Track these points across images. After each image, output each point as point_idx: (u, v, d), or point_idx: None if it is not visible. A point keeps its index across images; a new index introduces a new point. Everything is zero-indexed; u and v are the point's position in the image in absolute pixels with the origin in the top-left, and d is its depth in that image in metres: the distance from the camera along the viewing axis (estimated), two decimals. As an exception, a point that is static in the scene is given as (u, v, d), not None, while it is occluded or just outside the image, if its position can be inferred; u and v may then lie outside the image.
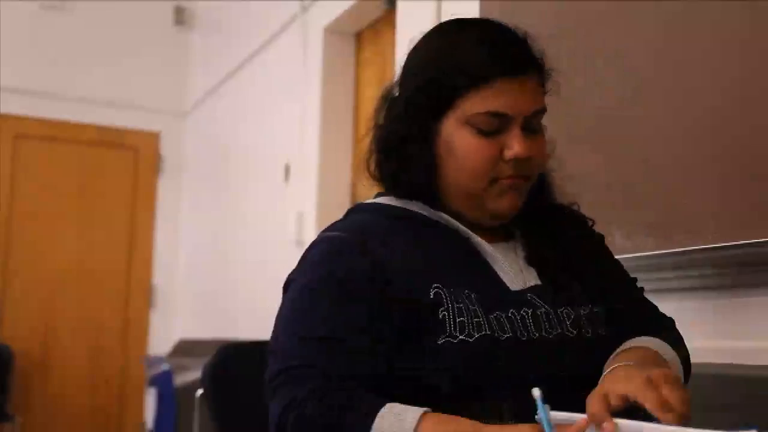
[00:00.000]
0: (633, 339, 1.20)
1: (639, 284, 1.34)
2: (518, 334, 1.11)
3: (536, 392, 0.91)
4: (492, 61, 1.14)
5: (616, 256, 1.36)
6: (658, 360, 1.14)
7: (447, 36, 1.21)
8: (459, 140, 1.15)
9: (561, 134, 1.28)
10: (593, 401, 0.96)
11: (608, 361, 1.13)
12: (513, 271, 1.19)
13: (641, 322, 1.25)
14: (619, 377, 1.00)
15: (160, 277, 5.55)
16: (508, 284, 1.17)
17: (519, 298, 1.16)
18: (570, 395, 1.08)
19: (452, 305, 1.11)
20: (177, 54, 5.59)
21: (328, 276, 1.13)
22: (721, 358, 1.47)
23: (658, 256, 1.71)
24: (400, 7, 3.08)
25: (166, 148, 5.63)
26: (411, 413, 0.98)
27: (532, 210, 1.24)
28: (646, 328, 1.23)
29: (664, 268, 1.70)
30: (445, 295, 1.11)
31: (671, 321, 1.32)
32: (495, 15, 2.25)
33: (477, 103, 1.13)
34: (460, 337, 1.09)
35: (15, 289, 5.20)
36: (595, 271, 1.25)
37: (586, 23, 2.00)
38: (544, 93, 1.20)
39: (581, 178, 1.41)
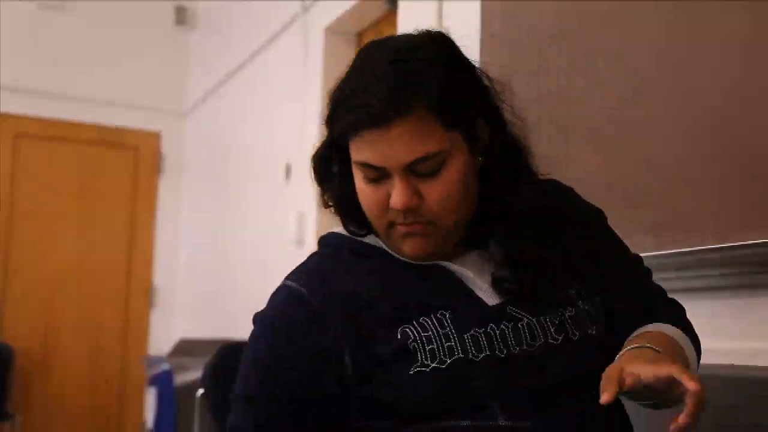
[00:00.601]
0: (648, 326, 1.19)
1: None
2: (497, 351, 1.09)
3: None
4: (355, 114, 1.08)
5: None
6: (674, 346, 1.13)
7: (343, 78, 1.16)
8: (356, 182, 1.14)
9: (561, 134, 1.27)
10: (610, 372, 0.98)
11: (626, 341, 1.13)
12: (487, 284, 1.15)
13: (644, 317, 1.22)
14: (636, 357, 1.01)
15: (160, 277, 5.55)
16: (484, 299, 1.13)
17: (498, 312, 1.12)
18: (559, 401, 1.09)
19: (419, 335, 1.09)
20: (177, 54, 5.59)
21: (260, 367, 1.16)
22: (723, 359, 1.47)
23: (659, 256, 1.70)
24: (402, 7, 3.08)
25: (167, 148, 5.63)
26: None
27: (515, 214, 1.17)
28: (651, 321, 1.21)
29: (665, 269, 1.70)
30: (411, 330, 1.09)
31: (679, 307, 1.29)
32: (496, 15, 2.25)
33: (354, 152, 1.11)
34: (432, 365, 1.07)
35: (15, 288, 5.20)
36: (595, 271, 1.22)
37: (587, 23, 2.00)
38: (449, 126, 1.09)
39: (581, 178, 1.40)
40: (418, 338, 1.08)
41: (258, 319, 1.20)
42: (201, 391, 1.57)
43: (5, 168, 5.25)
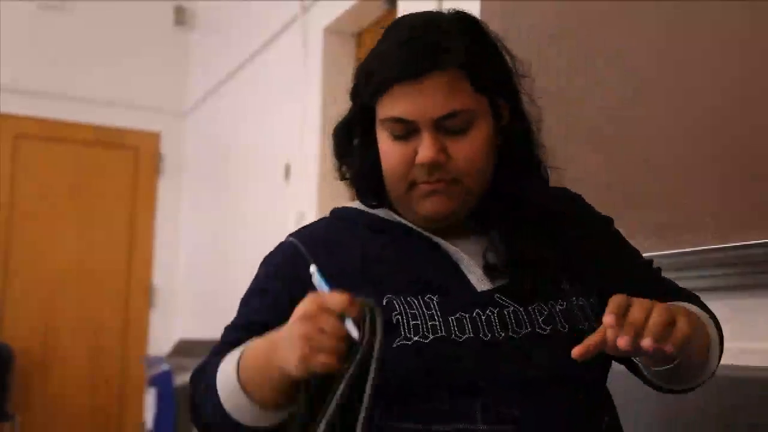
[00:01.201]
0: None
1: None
2: (481, 334, 1.09)
3: (312, 268, 1.00)
4: (390, 67, 1.11)
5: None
6: (694, 317, 1.12)
7: (378, 41, 1.19)
8: (381, 144, 1.16)
9: (561, 134, 1.27)
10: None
11: None
12: (480, 269, 1.16)
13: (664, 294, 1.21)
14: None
15: (160, 277, 5.55)
16: (474, 284, 1.14)
17: (485, 298, 1.13)
18: (548, 394, 1.08)
19: (405, 309, 1.10)
20: (177, 54, 5.59)
21: (256, 278, 1.25)
22: (723, 359, 1.47)
23: (660, 256, 1.70)
24: (401, 7, 3.08)
25: (166, 148, 5.63)
26: (231, 357, 1.09)
27: (523, 206, 1.19)
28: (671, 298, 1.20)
29: (665, 269, 1.70)
30: (397, 303, 1.10)
31: (698, 298, 1.28)
32: (496, 15, 2.25)
33: (384, 110, 1.13)
34: (415, 338, 1.07)
35: (15, 288, 5.20)
36: (596, 272, 1.21)
37: (586, 23, 2.00)
38: (478, 88, 1.12)
39: (581, 178, 1.40)
40: (403, 312, 1.10)
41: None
42: (201, 391, 1.56)
43: (5, 168, 5.25)
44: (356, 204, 1.26)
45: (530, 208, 1.19)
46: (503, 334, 1.10)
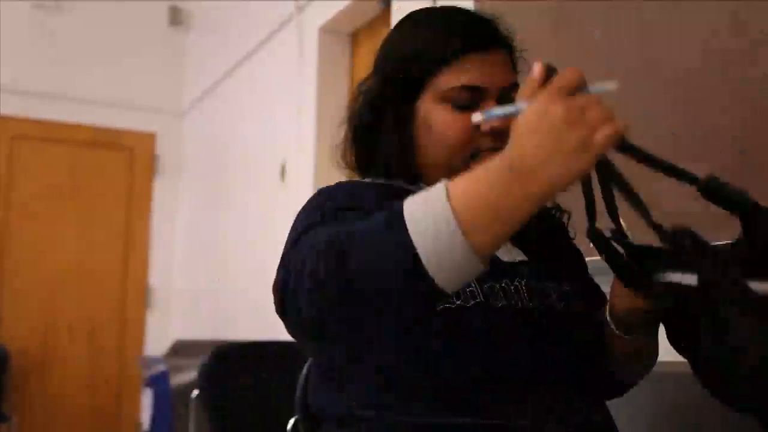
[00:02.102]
0: None
1: None
2: (512, 302, 1.12)
3: (475, 117, 0.94)
4: (460, 38, 1.17)
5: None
6: None
7: (413, 22, 1.25)
8: (436, 117, 1.17)
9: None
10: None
11: None
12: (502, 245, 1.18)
13: None
14: None
15: (156, 278, 5.55)
16: (498, 255, 1.17)
17: (511, 268, 1.17)
18: (559, 369, 1.12)
19: None
20: (173, 54, 5.59)
21: (326, 195, 1.16)
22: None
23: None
24: (395, 7, 3.08)
25: (163, 149, 5.63)
26: (435, 188, 0.87)
27: None
28: None
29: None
30: None
31: None
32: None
33: (450, 79, 1.16)
34: (458, 303, 1.09)
35: (12, 289, 5.19)
36: (576, 270, 1.29)
37: (581, 23, 2.01)
38: (516, 71, 1.22)
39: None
40: None
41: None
42: (197, 391, 1.57)
43: (2, 169, 5.25)
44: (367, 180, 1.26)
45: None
46: (531, 304, 1.14)
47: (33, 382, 5.17)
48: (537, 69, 0.88)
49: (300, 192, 3.75)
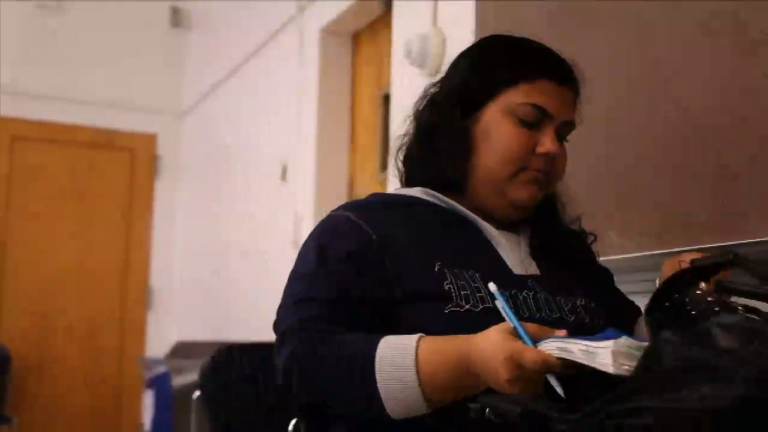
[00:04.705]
0: None
1: (635, 285, 1.41)
2: (520, 312, 1.17)
3: (492, 287, 1.07)
4: (543, 62, 1.27)
5: (612, 257, 1.39)
6: None
7: (493, 43, 1.33)
8: (498, 127, 1.25)
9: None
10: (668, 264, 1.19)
11: None
12: (516, 258, 1.26)
13: None
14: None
15: (157, 279, 5.55)
16: (511, 267, 1.24)
17: (520, 280, 1.23)
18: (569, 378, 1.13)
19: (455, 280, 1.17)
20: (174, 55, 5.59)
21: (318, 248, 1.22)
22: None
23: (656, 256, 1.71)
24: (396, 8, 3.08)
25: (163, 150, 5.63)
26: (406, 341, 1.09)
27: (545, 222, 1.32)
28: None
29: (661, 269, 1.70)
30: (447, 272, 1.17)
31: None
32: (491, 16, 2.26)
33: (522, 95, 1.24)
34: (467, 306, 1.15)
35: (12, 290, 5.19)
36: (597, 287, 1.34)
37: (581, 23, 2.00)
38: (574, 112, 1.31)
39: (573, 178, 1.42)
40: (453, 282, 1.17)
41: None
42: (198, 393, 1.57)
43: (2, 170, 5.25)
44: (399, 190, 1.34)
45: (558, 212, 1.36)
46: (538, 315, 1.18)
47: (33, 383, 5.17)
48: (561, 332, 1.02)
49: (301, 192, 3.75)
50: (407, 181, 1.35)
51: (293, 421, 1.35)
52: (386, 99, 3.28)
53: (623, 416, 0.82)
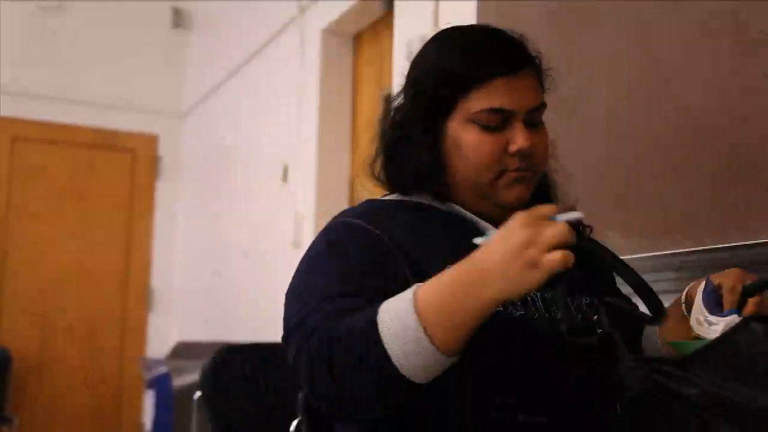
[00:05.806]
0: None
1: None
2: (528, 313, 1.16)
3: (478, 239, 1.01)
4: (490, 61, 1.20)
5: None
6: None
7: (445, 42, 1.27)
8: (465, 137, 1.21)
9: (553, 133, 1.29)
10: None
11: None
12: None
13: None
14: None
15: (158, 279, 5.55)
16: None
17: None
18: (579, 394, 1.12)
19: None
20: (175, 56, 5.59)
21: (327, 245, 1.19)
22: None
23: (657, 257, 1.71)
24: (398, 8, 3.08)
25: (164, 150, 5.63)
26: (403, 294, 1.02)
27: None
28: None
29: (662, 269, 1.70)
30: None
31: None
32: (492, 16, 2.26)
33: (479, 102, 1.19)
34: None
35: (13, 290, 5.19)
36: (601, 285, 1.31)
37: (582, 23, 2.01)
38: (543, 90, 1.25)
39: (573, 177, 1.41)
40: None
41: (309, 248, 1.23)
42: (199, 393, 1.57)
43: (3, 171, 5.25)
44: (392, 196, 1.31)
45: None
46: (547, 315, 1.17)
47: (33, 383, 5.17)
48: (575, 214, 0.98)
49: (302, 193, 3.75)
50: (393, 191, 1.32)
51: (295, 422, 1.35)
52: (387, 99, 3.28)
53: (669, 378, 0.80)
